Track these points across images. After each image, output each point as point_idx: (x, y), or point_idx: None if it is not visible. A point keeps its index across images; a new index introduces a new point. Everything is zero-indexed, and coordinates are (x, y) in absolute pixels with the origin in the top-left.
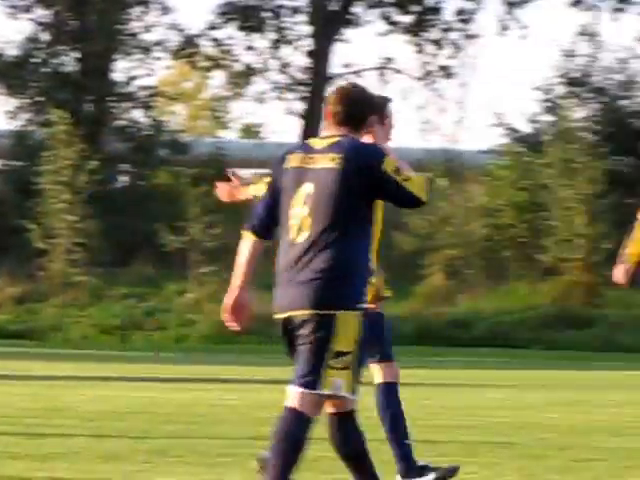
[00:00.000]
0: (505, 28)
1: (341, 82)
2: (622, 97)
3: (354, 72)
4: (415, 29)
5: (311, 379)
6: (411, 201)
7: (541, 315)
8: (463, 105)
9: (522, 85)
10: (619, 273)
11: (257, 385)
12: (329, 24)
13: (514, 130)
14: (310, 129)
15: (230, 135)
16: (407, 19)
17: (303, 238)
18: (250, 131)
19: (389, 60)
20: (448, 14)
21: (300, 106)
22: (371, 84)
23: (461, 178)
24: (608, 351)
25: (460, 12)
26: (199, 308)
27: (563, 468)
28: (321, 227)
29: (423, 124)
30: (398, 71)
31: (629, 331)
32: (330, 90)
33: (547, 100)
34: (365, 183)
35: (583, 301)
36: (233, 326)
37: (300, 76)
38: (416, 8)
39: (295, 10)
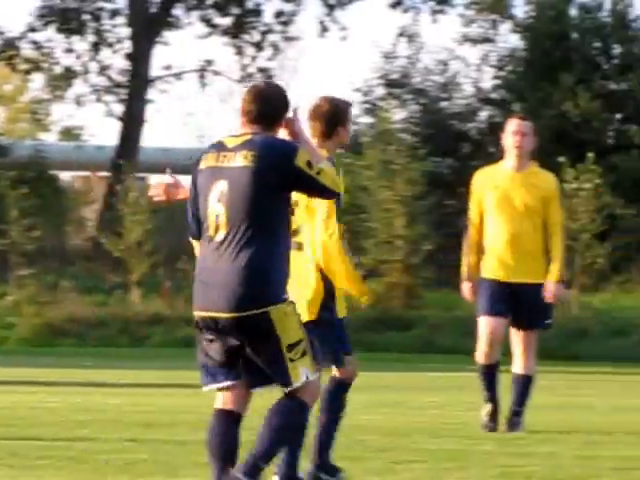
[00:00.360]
0: (325, 30)
1: (255, 82)
2: (442, 99)
3: (174, 74)
4: (235, 31)
5: (285, 382)
6: (325, 193)
7: (361, 317)
8: None
9: (342, 87)
10: (466, 291)
11: (77, 388)
12: (149, 27)
13: None
14: (129, 131)
15: (50, 137)
16: (227, 21)
17: (221, 236)
18: (70, 133)
19: (209, 62)
20: (268, 16)
21: (119, 108)
22: (191, 86)
23: None
24: (428, 352)
25: (279, 14)
26: (18, 311)
27: (383, 470)
28: (237, 224)
29: None
30: (218, 73)
31: (448, 332)
32: (245, 89)
33: (366, 102)
34: (279, 179)
35: (403, 303)
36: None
37: (120, 79)
38: (236, 10)
39: (115, 13)
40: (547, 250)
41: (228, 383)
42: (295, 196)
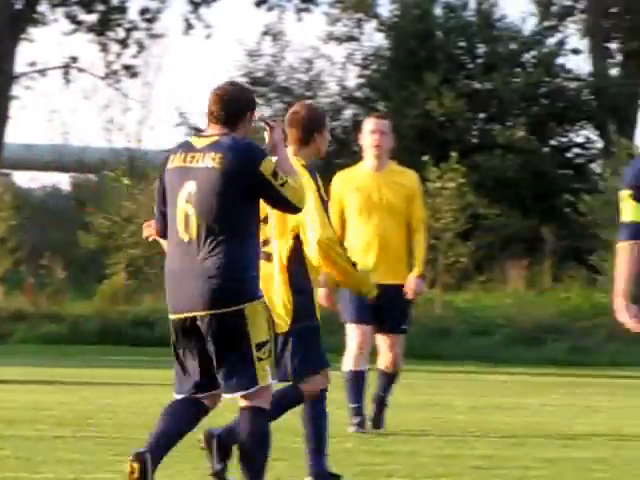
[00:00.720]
0: (190, 27)
1: (220, 84)
2: (306, 97)
3: (39, 71)
4: (100, 28)
5: (248, 380)
6: (286, 206)
7: None
8: (147, 104)
9: (206, 85)
10: (323, 299)
11: None
12: (14, 23)
13: (198, 129)
14: None
15: None
16: (92, 18)
17: (191, 236)
18: None
19: (74, 59)
20: (133, 13)
21: None
22: (56, 83)
23: (145, 177)
24: None
25: (144, 11)
26: None
27: None
28: (206, 225)
29: (107, 123)
30: (82, 70)
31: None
32: (210, 89)
33: None
34: (244, 183)
35: None
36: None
37: None
38: (101, 7)
39: None
40: (411, 250)
41: (205, 394)
42: (267, 209)
